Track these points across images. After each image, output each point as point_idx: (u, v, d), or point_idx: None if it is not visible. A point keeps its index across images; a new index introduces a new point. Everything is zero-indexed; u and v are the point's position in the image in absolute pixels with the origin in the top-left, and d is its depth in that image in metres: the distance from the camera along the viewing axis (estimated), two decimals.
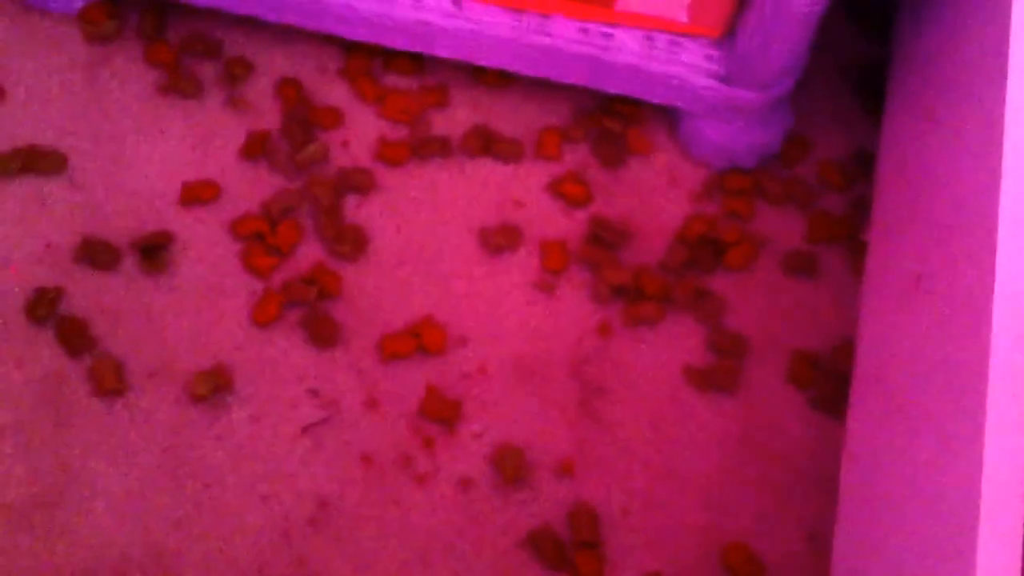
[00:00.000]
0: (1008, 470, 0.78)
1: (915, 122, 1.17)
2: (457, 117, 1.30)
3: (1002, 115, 0.91)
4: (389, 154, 1.26)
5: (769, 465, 1.16)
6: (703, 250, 1.24)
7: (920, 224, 1.08)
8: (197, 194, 1.24)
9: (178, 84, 1.29)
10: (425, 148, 1.27)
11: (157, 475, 1.11)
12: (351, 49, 1.32)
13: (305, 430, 1.14)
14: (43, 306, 1.17)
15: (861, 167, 1.30)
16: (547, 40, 1.21)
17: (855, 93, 1.35)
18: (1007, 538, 0.75)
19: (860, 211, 1.28)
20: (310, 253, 1.22)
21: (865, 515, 1.02)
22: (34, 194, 1.24)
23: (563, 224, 1.25)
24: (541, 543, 1.10)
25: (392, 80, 1.31)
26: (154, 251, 1.21)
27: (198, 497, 1.11)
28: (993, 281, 0.85)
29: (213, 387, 1.15)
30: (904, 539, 0.91)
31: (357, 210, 1.24)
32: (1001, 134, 0.90)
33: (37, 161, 1.25)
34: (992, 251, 0.86)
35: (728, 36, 1.22)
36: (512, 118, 1.30)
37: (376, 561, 1.09)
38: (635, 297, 1.21)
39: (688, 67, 1.21)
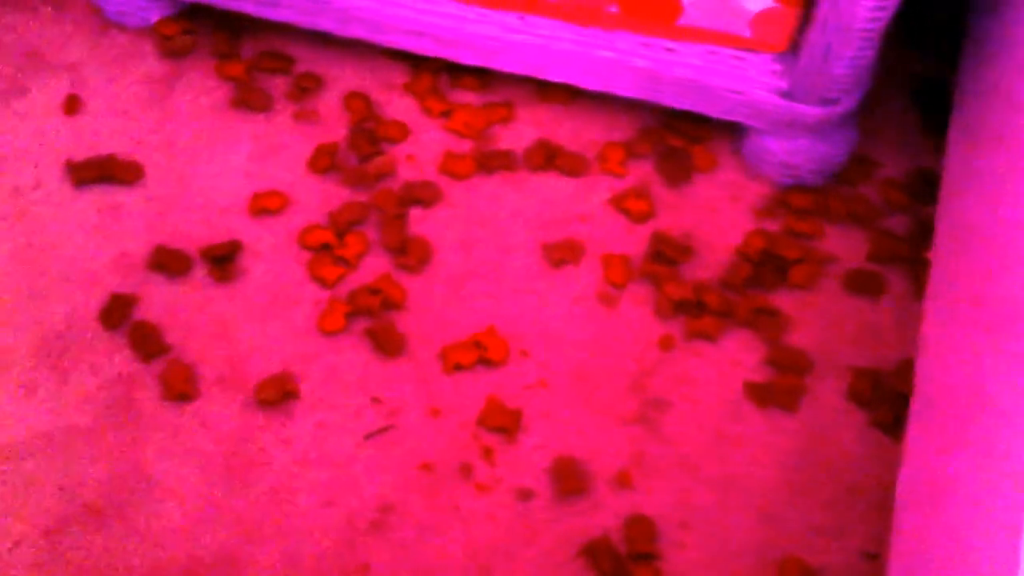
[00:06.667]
0: None
1: (979, 143, 1.17)
2: (522, 132, 1.32)
3: None
4: (454, 167, 1.29)
5: (827, 482, 1.16)
6: (766, 267, 1.25)
7: (983, 246, 1.07)
8: (265, 205, 1.26)
9: (249, 98, 1.32)
10: (490, 162, 1.29)
11: (225, 479, 1.14)
12: (418, 64, 1.35)
13: (368, 437, 1.16)
14: (117, 313, 1.21)
15: (925, 187, 1.30)
16: (611, 55, 1.23)
17: (920, 113, 1.35)
18: None
19: (923, 231, 1.28)
20: (375, 264, 1.24)
21: (920, 535, 1.02)
22: (110, 203, 1.27)
23: (626, 239, 1.26)
24: (598, 554, 1.11)
25: (458, 95, 1.33)
26: (224, 260, 1.24)
27: (264, 501, 1.13)
28: None
29: (280, 393, 1.17)
30: (958, 561, 0.91)
31: (422, 222, 1.27)
32: None
33: (114, 171, 1.28)
34: None
35: (791, 51, 1.23)
36: (576, 134, 1.32)
37: (437, 568, 1.11)
38: (696, 312, 1.22)
39: (751, 82, 1.22)
